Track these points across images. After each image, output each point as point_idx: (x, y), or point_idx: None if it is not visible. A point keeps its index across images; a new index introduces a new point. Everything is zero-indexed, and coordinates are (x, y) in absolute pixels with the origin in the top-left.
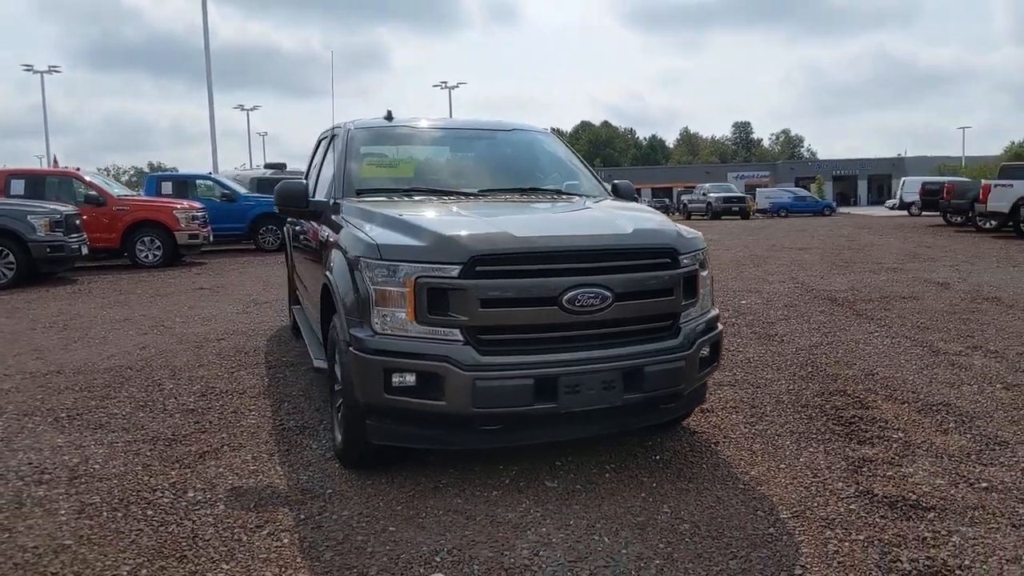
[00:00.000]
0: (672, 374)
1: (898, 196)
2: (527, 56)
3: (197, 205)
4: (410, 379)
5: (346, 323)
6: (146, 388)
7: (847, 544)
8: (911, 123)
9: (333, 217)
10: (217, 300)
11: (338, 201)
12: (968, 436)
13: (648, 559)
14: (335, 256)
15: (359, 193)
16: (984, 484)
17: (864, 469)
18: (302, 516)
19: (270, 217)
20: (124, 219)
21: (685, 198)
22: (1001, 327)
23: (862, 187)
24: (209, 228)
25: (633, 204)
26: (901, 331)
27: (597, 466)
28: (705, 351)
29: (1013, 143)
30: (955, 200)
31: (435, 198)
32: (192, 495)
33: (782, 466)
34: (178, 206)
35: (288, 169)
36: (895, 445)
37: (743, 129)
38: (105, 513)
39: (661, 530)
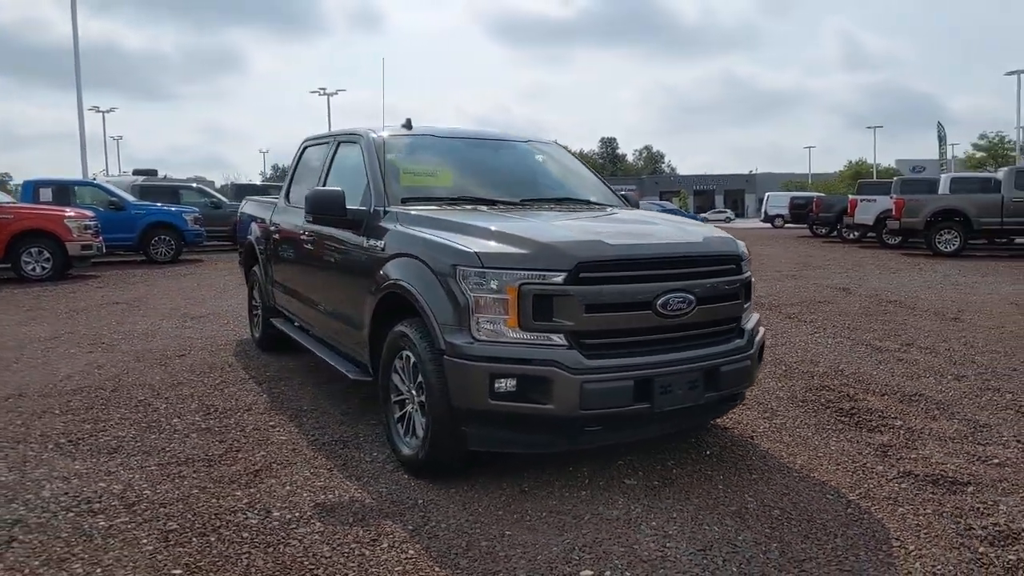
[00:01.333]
0: (742, 373)
1: (763, 210)
2: (392, 64)
3: (88, 213)
4: (514, 384)
5: (440, 331)
6: (136, 409)
7: (922, 517)
8: (758, 141)
9: (383, 225)
10: (143, 315)
11: (386, 209)
12: (955, 421)
13: (764, 543)
14: (408, 265)
15: (404, 202)
16: (995, 460)
17: (890, 453)
18: (410, 527)
19: (163, 227)
20: (9, 228)
21: None
22: (917, 327)
23: (719, 201)
24: (101, 238)
25: (659, 213)
26: (836, 332)
27: (659, 463)
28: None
29: (851, 161)
30: (823, 213)
31: (483, 207)
32: (278, 514)
33: (819, 455)
34: (69, 214)
35: (160, 176)
36: (901, 432)
37: (609, 144)
38: (195, 539)
39: (758, 517)
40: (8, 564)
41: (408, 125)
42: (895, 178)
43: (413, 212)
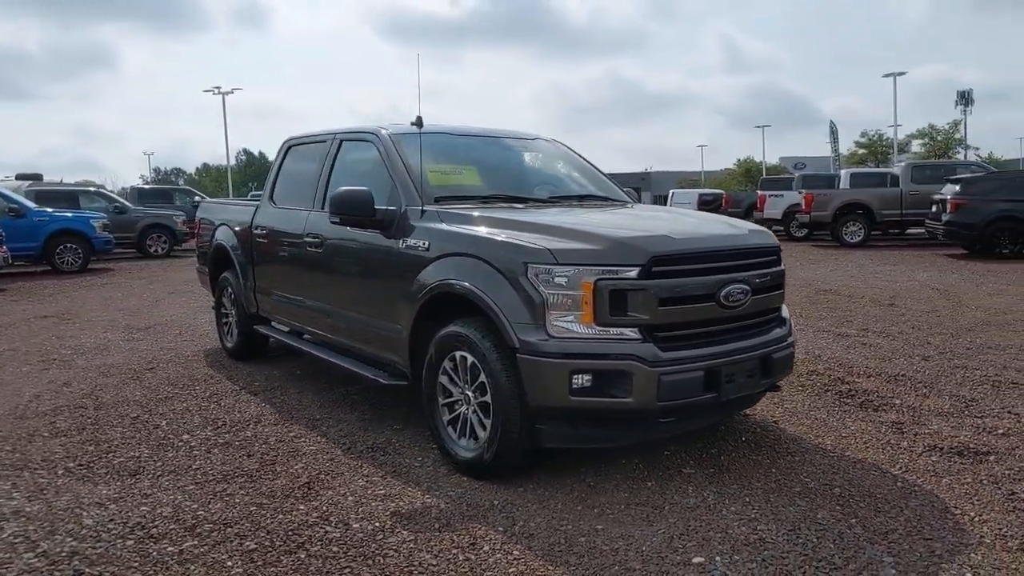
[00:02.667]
0: (788, 359)
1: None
2: (281, 63)
3: None
4: (593, 379)
5: (512, 329)
6: (135, 427)
7: (966, 486)
8: (647, 141)
9: (422, 225)
10: (80, 329)
11: (424, 208)
12: (944, 397)
13: (844, 519)
14: (465, 264)
15: (436, 201)
16: (999, 431)
17: (904, 430)
18: (500, 528)
19: (69, 234)
20: None
21: None
22: (863, 313)
23: None
24: (6, 248)
25: (679, 209)
26: (794, 321)
27: (704, 452)
28: None
29: (739, 159)
30: (732, 209)
31: (518, 204)
32: (358, 526)
33: (843, 435)
34: None
35: (46, 180)
36: (904, 410)
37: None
38: (283, 558)
39: (824, 496)
40: None
41: (419, 123)
42: (797, 174)
43: (457, 211)
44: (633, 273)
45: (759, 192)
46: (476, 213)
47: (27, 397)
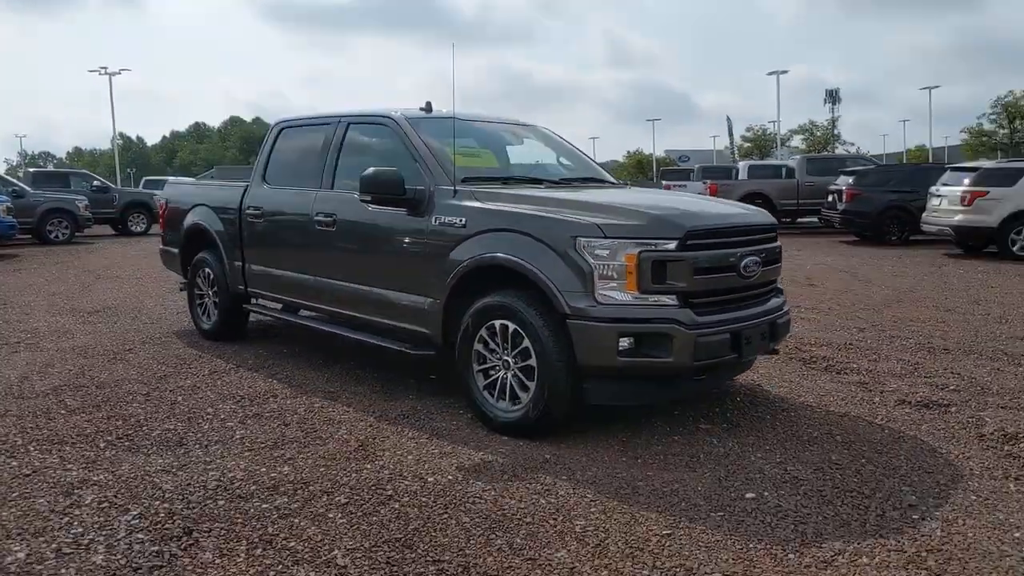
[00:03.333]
0: (787, 325)
1: None
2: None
3: None
4: (636, 341)
5: (563, 297)
6: (151, 403)
7: (943, 431)
8: None
9: (456, 203)
10: (25, 313)
11: (456, 188)
12: (892, 362)
13: (856, 460)
14: (506, 239)
15: (464, 181)
16: (952, 387)
17: (871, 389)
18: (564, 477)
19: None
20: None
21: None
22: (790, 292)
23: None
24: None
25: (676, 191)
26: None
27: (712, 412)
28: None
29: (629, 151)
30: None
31: (539, 186)
32: (433, 479)
33: (821, 393)
34: None
35: None
36: (863, 372)
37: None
38: (380, 508)
39: (830, 442)
40: (226, 550)
41: (428, 108)
42: (697, 166)
43: (491, 190)
44: (672, 246)
45: (663, 182)
46: (511, 192)
47: (14, 379)
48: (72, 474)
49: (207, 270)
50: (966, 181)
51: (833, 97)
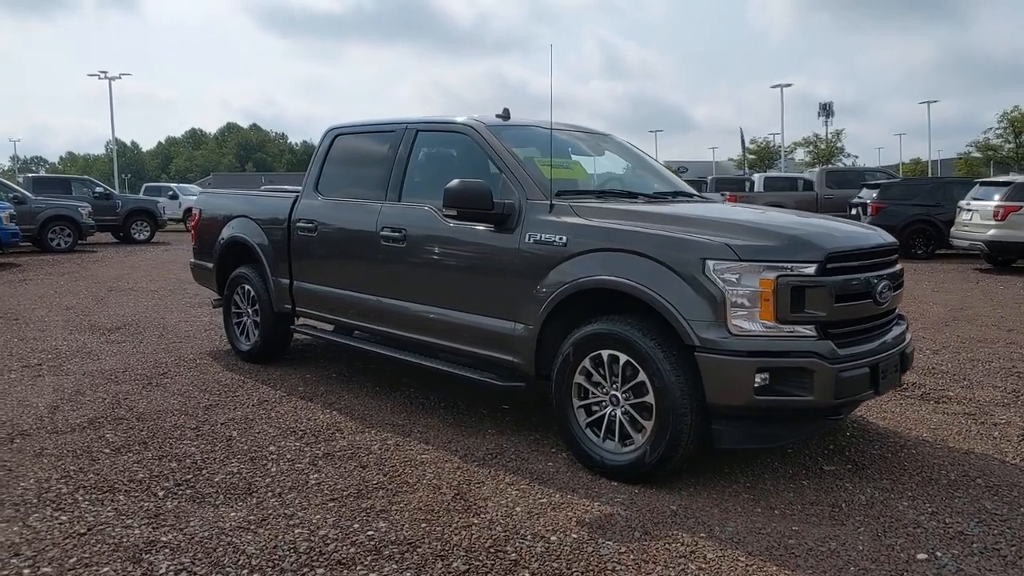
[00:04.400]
0: (912, 356)
1: None
2: (150, 50)
3: None
4: (773, 377)
5: (689, 327)
6: (206, 440)
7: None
8: None
9: (553, 219)
10: (40, 330)
11: (552, 203)
12: (988, 389)
13: (1012, 508)
14: (620, 260)
15: (558, 195)
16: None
17: (982, 420)
18: (703, 534)
19: None
20: None
21: None
22: None
23: None
24: None
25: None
26: None
27: (825, 448)
28: None
29: None
30: None
31: (636, 200)
32: (556, 538)
33: (932, 426)
34: None
35: None
36: (964, 401)
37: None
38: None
39: (975, 487)
40: None
41: (506, 115)
42: (710, 177)
43: (594, 205)
44: (811, 269)
45: None
46: (617, 207)
47: (43, 408)
48: (135, 533)
49: (247, 287)
50: (997, 196)
51: (827, 110)
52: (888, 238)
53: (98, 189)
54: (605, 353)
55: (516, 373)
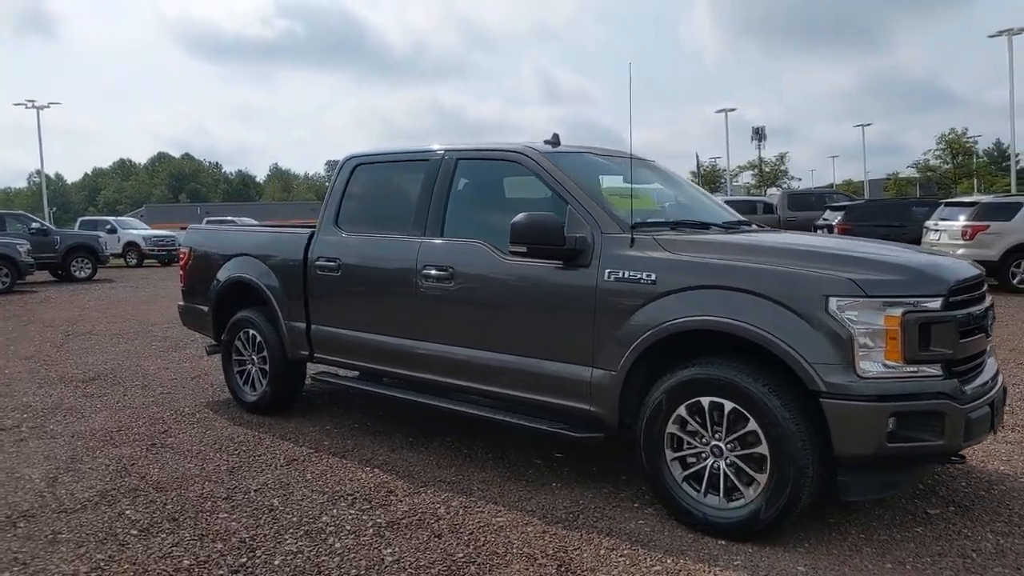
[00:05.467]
0: (1006, 391)
1: None
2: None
3: None
4: (901, 422)
5: (814, 370)
6: (245, 510)
7: None
8: None
9: (636, 254)
10: (8, 386)
11: (634, 236)
12: None
13: None
14: (727, 297)
15: (633, 228)
16: None
17: None
18: None
19: None
20: None
21: None
22: None
23: None
24: None
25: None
26: None
27: (927, 490)
28: None
29: None
30: None
31: (714, 231)
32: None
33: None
34: None
35: None
36: None
37: (336, 167)
38: None
39: None
40: None
41: (556, 141)
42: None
43: (685, 238)
44: (937, 304)
45: None
46: (708, 239)
47: (39, 481)
48: None
49: (251, 331)
50: (963, 216)
51: (759, 134)
52: (978, 267)
53: (34, 225)
54: (706, 400)
55: (597, 423)
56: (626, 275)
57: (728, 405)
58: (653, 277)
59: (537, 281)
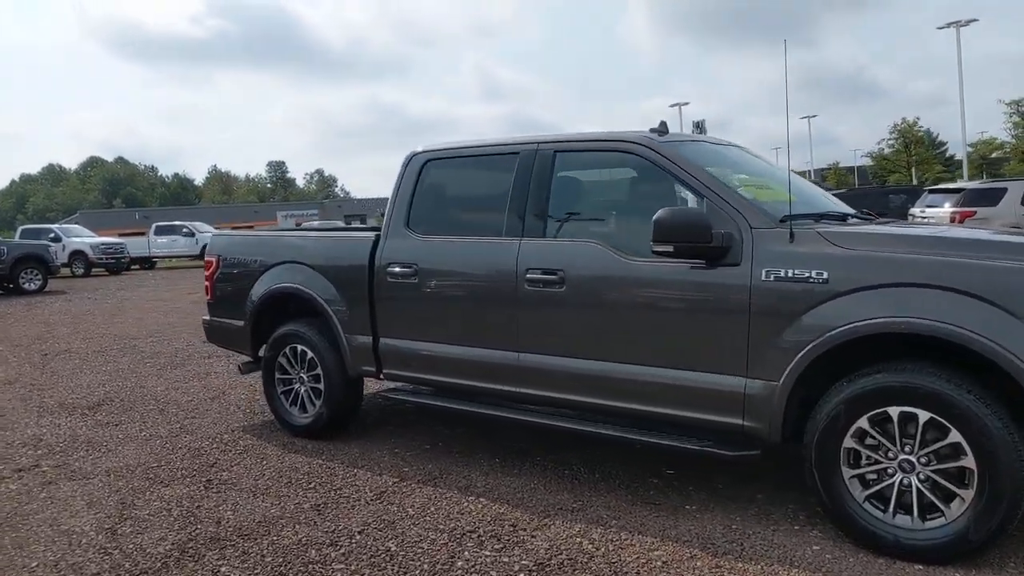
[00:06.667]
0: None
1: None
2: None
3: None
4: None
5: None
6: (362, 562)
7: None
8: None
9: (798, 251)
10: (4, 416)
11: (792, 231)
12: None
13: None
14: (922, 296)
15: (782, 221)
16: None
17: None
18: None
19: None
20: None
21: None
22: None
23: None
24: None
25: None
26: None
27: None
28: None
29: None
30: None
31: (855, 222)
32: None
33: None
34: None
35: None
36: None
37: (279, 168)
38: None
39: None
40: None
41: (664, 129)
42: None
43: (853, 231)
44: None
45: None
46: (881, 232)
47: (94, 534)
48: None
49: (300, 347)
50: (948, 204)
51: (700, 127)
52: None
53: None
54: (895, 410)
55: (755, 439)
56: (790, 273)
57: (923, 415)
58: (825, 275)
59: (672, 284)
